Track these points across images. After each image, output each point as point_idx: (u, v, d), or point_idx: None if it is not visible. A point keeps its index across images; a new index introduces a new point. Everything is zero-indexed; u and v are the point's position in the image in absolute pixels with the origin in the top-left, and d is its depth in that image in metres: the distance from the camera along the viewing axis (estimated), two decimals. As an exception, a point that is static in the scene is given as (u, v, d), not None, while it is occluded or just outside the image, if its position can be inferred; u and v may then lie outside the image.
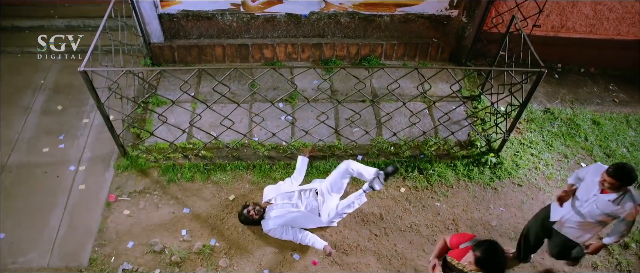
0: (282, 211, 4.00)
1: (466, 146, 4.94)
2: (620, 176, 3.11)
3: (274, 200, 4.09)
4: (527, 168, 4.85)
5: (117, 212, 4.24)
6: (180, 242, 4.07)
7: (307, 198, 4.06)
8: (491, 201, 4.57)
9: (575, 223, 3.47)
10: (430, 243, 4.20)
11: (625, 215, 3.23)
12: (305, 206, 4.02)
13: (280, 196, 4.09)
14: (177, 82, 5.41)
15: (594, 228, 3.45)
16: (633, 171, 3.12)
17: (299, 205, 4.02)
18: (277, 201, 4.06)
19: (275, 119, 5.04)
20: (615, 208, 3.23)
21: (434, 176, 4.68)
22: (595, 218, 3.35)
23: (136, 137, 4.79)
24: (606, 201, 3.24)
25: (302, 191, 4.11)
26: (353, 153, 4.80)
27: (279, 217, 3.99)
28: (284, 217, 3.99)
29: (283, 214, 3.99)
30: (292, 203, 4.03)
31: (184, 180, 4.51)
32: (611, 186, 3.16)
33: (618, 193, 3.20)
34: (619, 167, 3.14)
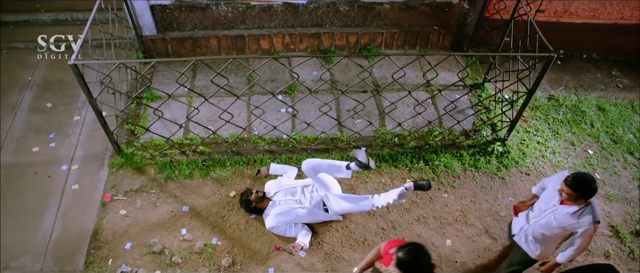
0: (286, 207, 3.84)
1: (472, 136, 4.82)
2: (578, 186, 2.85)
3: (277, 196, 3.93)
4: (534, 157, 4.74)
5: (113, 212, 4.05)
6: (181, 242, 3.90)
7: (311, 193, 3.91)
8: (499, 191, 4.45)
9: (532, 236, 3.23)
10: (439, 236, 4.08)
11: (581, 231, 2.96)
12: (310, 201, 3.87)
13: (283, 192, 3.93)
14: (171, 76, 5.22)
15: (552, 242, 3.20)
16: (593, 182, 2.87)
17: (303, 201, 3.87)
18: (280, 197, 3.91)
19: (274, 111, 4.87)
20: (572, 222, 2.97)
21: (440, 167, 4.55)
22: (552, 231, 3.09)
23: (131, 133, 4.60)
24: (564, 214, 2.99)
25: (305, 187, 3.96)
26: (356, 144, 4.66)
27: (283, 214, 3.83)
28: (288, 214, 3.84)
29: (287, 211, 3.84)
30: (296, 199, 3.88)
31: (182, 177, 4.33)
32: (569, 197, 2.90)
33: (579, 205, 2.95)
34: (577, 177, 2.88)
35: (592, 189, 2.88)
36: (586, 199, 2.92)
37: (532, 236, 3.23)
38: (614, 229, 4.21)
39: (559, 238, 3.20)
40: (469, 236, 4.11)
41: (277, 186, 4.01)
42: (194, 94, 5.03)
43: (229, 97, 4.94)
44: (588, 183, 2.86)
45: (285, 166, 4.31)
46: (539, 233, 3.18)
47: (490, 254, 4.00)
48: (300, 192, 3.91)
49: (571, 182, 2.87)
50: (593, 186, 2.87)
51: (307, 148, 4.58)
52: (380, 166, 4.50)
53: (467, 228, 4.16)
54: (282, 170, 4.28)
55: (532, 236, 3.23)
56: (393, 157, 4.58)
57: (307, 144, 4.61)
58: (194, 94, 5.03)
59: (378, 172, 4.47)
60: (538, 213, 3.17)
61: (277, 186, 4.00)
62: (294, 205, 3.85)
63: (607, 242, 4.14)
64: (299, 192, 3.91)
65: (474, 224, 4.19)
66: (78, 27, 5.44)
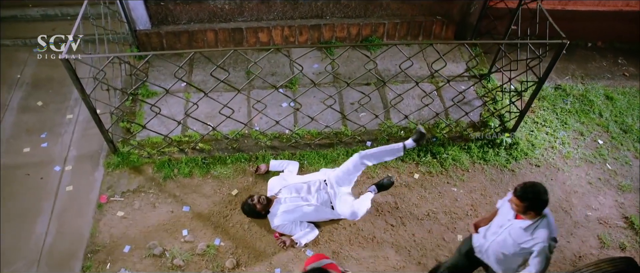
0: (292, 205, 3.68)
1: (479, 127, 4.68)
2: (525, 196, 2.58)
3: (281, 193, 3.77)
4: (543, 148, 4.62)
5: (110, 214, 3.87)
6: (182, 244, 3.73)
7: (318, 190, 3.75)
8: (509, 183, 4.32)
9: (492, 256, 2.93)
10: (450, 231, 3.95)
11: (537, 250, 2.63)
12: (317, 199, 3.71)
13: (287, 189, 3.77)
14: (167, 71, 5.03)
15: (513, 262, 2.85)
16: (542, 193, 2.57)
17: (310, 199, 3.71)
18: (284, 194, 3.75)
19: (276, 106, 4.70)
20: (526, 238, 2.67)
21: (448, 160, 4.41)
22: (509, 249, 2.77)
23: (126, 131, 4.42)
24: (518, 228, 2.71)
25: (312, 183, 3.80)
26: (361, 139, 4.50)
27: (289, 212, 3.68)
28: (294, 212, 3.68)
29: (293, 209, 3.68)
30: (302, 196, 3.72)
31: (182, 176, 4.16)
32: (518, 208, 2.64)
33: (532, 219, 2.66)
34: (525, 186, 2.60)
35: (542, 200, 2.57)
36: (537, 211, 2.62)
37: (494, 257, 2.92)
38: (629, 220, 4.10)
39: (520, 260, 2.84)
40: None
41: (281, 183, 3.85)
42: (191, 90, 4.85)
43: (228, 92, 4.77)
44: (536, 193, 2.57)
45: (284, 162, 4.15)
46: (499, 252, 2.87)
47: (503, 249, 3.86)
48: (306, 189, 3.75)
49: (519, 191, 2.60)
50: (543, 197, 2.57)
51: (310, 143, 4.42)
52: (387, 162, 4.34)
53: (479, 222, 4.02)
54: (282, 166, 4.12)
55: (493, 257, 2.93)
56: (399, 151, 4.43)
57: (311, 139, 4.45)
58: (192, 90, 4.85)
59: (385, 166, 4.32)
60: (495, 230, 2.89)
61: (281, 183, 3.84)
62: (299, 202, 3.69)
63: (622, 234, 4.02)
64: (304, 189, 3.75)
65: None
66: (69, 23, 5.22)
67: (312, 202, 3.70)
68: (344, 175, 3.78)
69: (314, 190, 3.75)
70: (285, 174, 4.02)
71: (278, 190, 3.81)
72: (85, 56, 3.28)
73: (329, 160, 4.31)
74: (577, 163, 4.51)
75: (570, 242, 3.95)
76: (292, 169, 4.10)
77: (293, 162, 4.16)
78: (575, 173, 4.43)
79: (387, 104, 4.83)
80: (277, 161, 4.16)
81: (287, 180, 3.88)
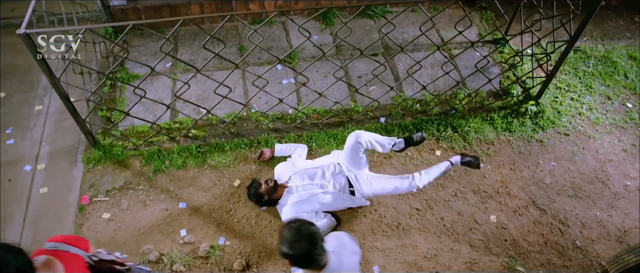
0: (305, 194, 3.21)
1: (501, 96, 4.26)
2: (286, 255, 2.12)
3: (292, 181, 3.29)
4: (570, 115, 4.22)
5: (94, 217, 3.34)
6: (181, 246, 3.23)
7: (334, 175, 3.27)
8: (539, 155, 3.93)
9: None
10: (482, 212, 3.54)
11: None
12: (334, 185, 3.24)
13: (299, 176, 3.29)
14: (148, 51, 4.45)
15: None
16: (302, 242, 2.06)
17: (326, 185, 3.24)
18: (296, 182, 3.26)
19: (275, 84, 4.19)
20: None
21: (471, 134, 3.98)
22: None
23: (107, 121, 3.85)
24: None
25: (326, 167, 3.32)
26: (374, 115, 4.03)
27: (303, 202, 3.20)
28: (309, 202, 3.20)
29: (307, 198, 3.20)
30: (316, 183, 3.24)
31: (174, 168, 3.63)
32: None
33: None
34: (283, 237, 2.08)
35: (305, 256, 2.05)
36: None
37: None
38: (671, 188, 3.75)
39: None
40: (514, 210, 3.57)
41: (291, 170, 3.36)
42: (178, 71, 4.29)
43: (220, 71, 4.25)
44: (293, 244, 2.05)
45: (291, 145, 3.66)
46: None
47: (542, 228, 3.48)
48: (320, 175, 3.27)
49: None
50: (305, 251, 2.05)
51: (318, 122, 3.93)
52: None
53: (511, 200, 3.62)
54: (289, 150, 3.64)
55: None
56: (417, 126, 3.99)
57: (318, 119, 3.96)
58: (179, 71, 4.28)
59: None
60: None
61: (290, 170, 3.36)
62: (314, 190, 3.22)
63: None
64: (319, 175, 3.27)
65: (517, 195, 3.65)
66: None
67: (328, 189, 3.23)
68: (348, 158, 3.31)
69: (329, 174, 3.27)
70: (294, 159, 3.54)
71: (287, 177, 3.32)
72: (47, 30, 2.70)
73: (340, 141, 3.83)
74: (608, 129, 4.14)
75: (612, 215, 3.58)
76: (301, 153, 3.62)
77: (301, 145, 3.68)
78: (607, 140, 4.06)
79: (398, 75, 4.36)
80: (282, 145, 3.67)
81: (297, 166, 3.40)
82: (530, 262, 3.30)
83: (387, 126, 3.94)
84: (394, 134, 3.89)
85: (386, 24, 3.27)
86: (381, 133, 3.90)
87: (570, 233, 3.46)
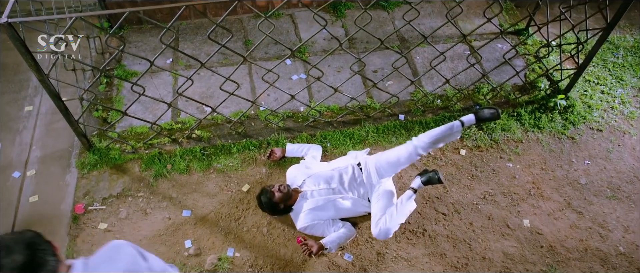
0: (322, 200, 2.90)
1: (528, 90, 3.96)
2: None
3: (306, 185, 2.98)
4: (601, 109, 3.92)
5: (89, 228, 3.03)
6: (186, 258, 2.92)
7: (353, 179, 2.97)
8: (572, 153, 3.62)
9: None
10: (514, 216, 3.23)
11: None
12: (352, 189, 2.94)
13: (314, 180, 2.98)
14: (147, 47, 4.14)
15: None
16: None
17: (341, 190, 2.93)
18: (311, 186, 2.96)
19: (285, 80, 3.88)
20: None
21: (497, 131, 3.68)
22: None
23: (103, 122, 3.54)
24: None
25: (343, 170, 3.01)
26: (392, 112, 3.73)
27: (319, 209, 2.90)
28: (326, 209, 2.90)
29: (323, 204, 2.90)
30: (333, 187, 2.93)
31: (177, 173, 3.32)
32: None
33: None
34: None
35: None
36: None
37: None
38: None
39: None
40: (549, 213, 3.27)
41: (304, 173, 3.05)
42: (180, 67, 3.98)
43: (225, 67, 3.95)
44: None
45: (304, 145, 3.36)
46: None
47: (580, 232, 3.18)
48: (337, 178, 2.97)
49: None
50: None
51: (332, 121, 3.63)
52: (426, 136, 3.59)
53: (545, 202, 3.32)
54: (301, 151, 3.34)
55: None
56: (439, 123, 3.67)
57: (332, 117, 3.66)
58: (180, 67, 3.98)
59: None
60: None
61: (304, 173, 3.05)
62: (331, 196, 2.91)
63: None
64: (336, 179, 2.97)
65: (551, 197, 3.35)
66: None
67: (348, 195, 2.92)
68: (390, 166, 3.00)
69: (347, 178, 2.97)
70: (307, 161, 3.24)
71: (301, 181, 3.01)
72: (34, 19, 2.39)
73: (356, 140, 3.53)
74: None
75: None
76: (315, 154, 3.31)
77: (314, 146, 3.38)
78: None
79: (416, 69, 4.06)
80: (294, 145, 3.36)
81: (311, 168, 3.09)
82: (570, 271, 3.00)
83: (407, 124, 3.64)
84: (414, 131, 3.59)
85: (409, 10, 2.96)
86: (401, 132, 3.61)
87: (611, 238, 3.16)
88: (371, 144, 3.53)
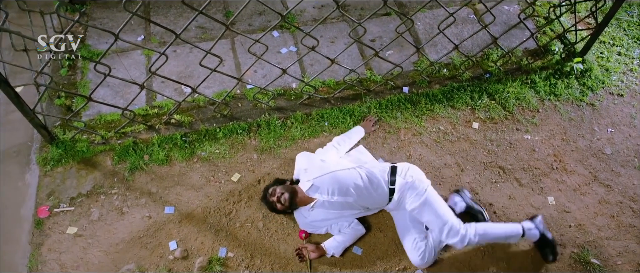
0: (333, 213, 2.53)
1: (541, 55, 3.60)
2: None
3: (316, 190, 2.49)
4: (620, 72, 3.60)
5: (56, 233, 2.61)
6: (171, 262, 2.53)
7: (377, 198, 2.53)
8: (593, 121, 3.30)
9: None
10: (537, 193, 2.91)
11: None
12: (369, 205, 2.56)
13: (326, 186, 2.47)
14: (115, 24, 3.65)
15: None
16: None
17: (360, 208, 2.53)
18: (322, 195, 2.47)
19: (273, 53, 3.45)
20: None
21: (511, 100, 3.33)
22: None
23: (66, 110, 3.08)
24: None
25: (369, 181, 2.50)
26: (395, 84, 3.34)
27: (327, 220, 2.54)
28: (336, 220, 2.54)
29: (334, 217, 2.54)
30: (349, 202, 2.49)
31: (156, 164, 2.90)
32: None
33: None
34: None
35: None
36: None
37: None
38: None
39: None
40: (575, 188, 2.95)
41: (318, 169, 2.55)
42: (153, 44, 3.51)
43: (204, 42, 3.51)
44: None
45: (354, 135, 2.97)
46: None
47: (610, 208, 2.87)
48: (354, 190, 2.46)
49: None
50: None
51: (328, 97, 3.23)
52: (433, 109, 3.23)
53: (569, 176, 3.00)
54: (351, 136, 2.95)
55: None
56: (447, 95, 3.32)
57: (329, 93, 3.25)
58: (154, 44, 3.51)
59: (432, 117, 3.21)
60: None
61: (317, 169, 2.55)
62: (346, 210, 2.51)
63: None
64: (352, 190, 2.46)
65: (575, 170, 3.03)
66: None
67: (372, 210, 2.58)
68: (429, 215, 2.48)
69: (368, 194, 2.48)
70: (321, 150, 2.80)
71: (310, 183, 2.50)
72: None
73: (357, 117, 3.15)
74: (667, 86, 3.54)
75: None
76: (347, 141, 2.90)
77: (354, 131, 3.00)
78: None
79: (418, 37, 3.66)
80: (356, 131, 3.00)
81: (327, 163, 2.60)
82: (604, 252, 2.70)
83: (412, 97, 3.27)
84: (421, 105, 3.22)
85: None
86: (405, 105, 3.23)
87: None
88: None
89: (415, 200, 2.45)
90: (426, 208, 2.44)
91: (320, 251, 2.51)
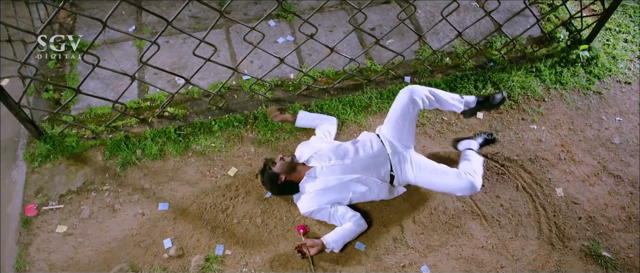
0: (333, 180, 2.42)
1: (545, 42, 3.50)
2: None
3: (313, 160, 2.49)
4: (627, 60, 3.51)
5: (44, 232, 2.49)
6: (166, 261, 2.42)
7: (374, 157, 2.47)
8: (601, 110, 3.21)
9: None
10: (545, 185, 2.81)
11: None
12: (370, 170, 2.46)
13: (322, 155, 2.49)
14: (105, 14, 3.50)
15: None
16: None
17: (358, 169, 2.44)
18: (321, 162, 2.46)
19: (269, 43, 3.33)
20: None
21: (516, 89, 3.23)
22: None
23: (55, 104, 2.95)
24: None
25: (361, 145, 2.51)
26: (396, 74, 3.23)
27: (328, 190, 2.42)
28: (337, 189, 2.43)
29: (335, 185, 2.42)
30: (346, 163, 2.44)
31: (149, 159, 2.78)
32: None
33: None
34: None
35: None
36: None
37: None
38: None
39: None
40: (583, 179, 2.86)
41: (312, 151, 2.56)
42: (145, 35, 3.38)
43: (198, 32, 3.38)
44: None
45: (319, 116, 2.87)
46: None
47: (620, 199, 2.78)
48: (353, 153, 2.47)
49: None
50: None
51: (328, 88, 3.11)
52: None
53: (577, 167, 2.91)
54: (314, 121, 2.86)
55: None
56: (450, 84, 3.21)
57: (328, 83, 3.14)
58: (146, 34, 3.38)
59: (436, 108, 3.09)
60: None
61: (311, 151, 2.55)
62: (345, 175, 2.42)
63: None
64: (351, 153, 2.47)
65: (584, 160, 2.94)
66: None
67: (367, 177, 2.44)
68: (395, 127, 2.52)
69: (366, 155, 2.46)
70: (318, 136, 2.72)
71: (308, 156, 2.52)
72: None
73: (358, 108, 3.04)
74: (675, 74, 3.45)
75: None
76: (329, 129, 2.79)
77: (329, 118, 2.88)
78: None
79: (419, 25, 3.55)
80: (308, 113, 2.88)
81: (323, 147, 2.57)
82: (615, 244, 2.61)
83: (414, 87, 3.15)
84: (424, 96, 3.11)
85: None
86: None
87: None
88: (375, 112, 3.05)
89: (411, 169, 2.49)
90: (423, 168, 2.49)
91: (319, 246, 2.41)
